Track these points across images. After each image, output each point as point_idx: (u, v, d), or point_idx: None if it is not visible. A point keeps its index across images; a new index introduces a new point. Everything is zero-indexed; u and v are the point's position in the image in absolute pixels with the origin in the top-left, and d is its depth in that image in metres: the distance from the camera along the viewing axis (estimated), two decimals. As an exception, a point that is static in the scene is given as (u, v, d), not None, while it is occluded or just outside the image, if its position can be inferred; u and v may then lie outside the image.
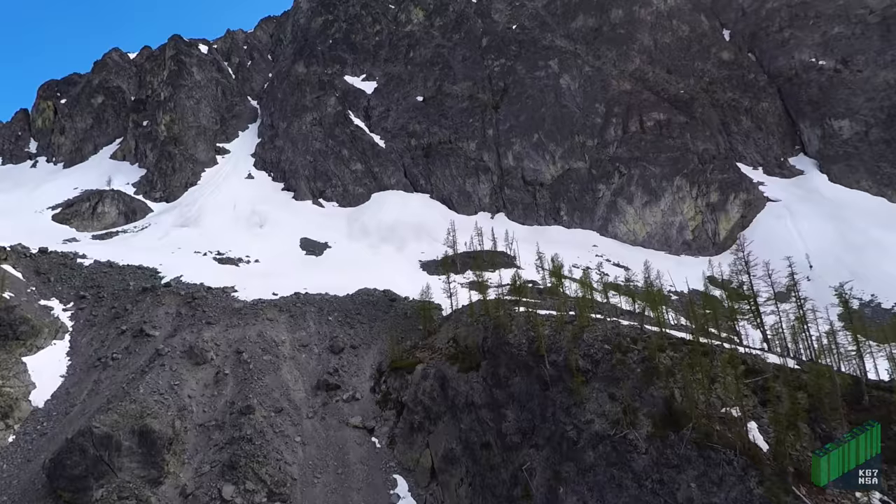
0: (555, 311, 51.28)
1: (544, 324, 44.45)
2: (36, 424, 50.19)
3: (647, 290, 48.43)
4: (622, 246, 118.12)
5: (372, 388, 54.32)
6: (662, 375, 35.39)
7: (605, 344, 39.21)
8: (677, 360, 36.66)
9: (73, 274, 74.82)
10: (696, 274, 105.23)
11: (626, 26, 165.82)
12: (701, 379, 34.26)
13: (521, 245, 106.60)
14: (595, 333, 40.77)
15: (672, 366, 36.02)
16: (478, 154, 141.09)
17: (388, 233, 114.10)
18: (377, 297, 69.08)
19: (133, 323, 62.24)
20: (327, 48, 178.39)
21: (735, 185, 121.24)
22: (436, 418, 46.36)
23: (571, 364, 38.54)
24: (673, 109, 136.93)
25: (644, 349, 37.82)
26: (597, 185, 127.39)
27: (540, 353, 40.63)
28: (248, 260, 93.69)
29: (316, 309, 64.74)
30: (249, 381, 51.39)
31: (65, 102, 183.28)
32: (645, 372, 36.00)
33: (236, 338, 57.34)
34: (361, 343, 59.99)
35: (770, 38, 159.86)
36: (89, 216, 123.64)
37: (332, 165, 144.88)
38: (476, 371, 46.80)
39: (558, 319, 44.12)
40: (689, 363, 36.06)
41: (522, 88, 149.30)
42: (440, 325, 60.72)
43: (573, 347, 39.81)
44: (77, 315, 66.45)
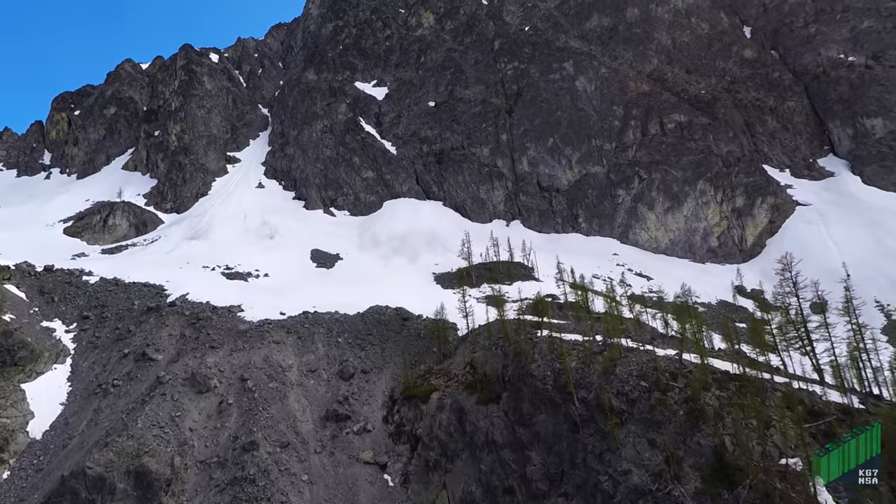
0: (580, 335, 47.42)
1: (571, 353, 40.59)
2: (32, 459, 47.65)
3: (687, 320, 43.90)
4: (644, 254, 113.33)
5: (384, 417, 50.90)
6: (709, 419, 31.35)
7: (641, 380, 35.25)
8: (725, 399, 32.59)
9: (78, 293, 72.75)
10: (723, 283, 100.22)
11: (643, 25, 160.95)
12: (755, 425, 30.20)
13: (538, 254, 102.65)
14: (629, 367, 36.81)
15: (720, 407, 31.97)
16: (491, 160, 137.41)
17: (400, 243, 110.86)
18: (389, 315, 65.70)
19: (136, 346, 59.72)
20: (337, 54, 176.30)
21: (762, 189, 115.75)
22: (453, 456, 42.73)
23: (604, 403, 34.65)
24: (694, 110, 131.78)
25: (686, 387, 33.80)
26: (616, 191, 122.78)
27: (568, 390, 36.80)
28: (258, 274, 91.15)
29: (325, 330, 61.56)
30: (254, 412, 48.31)
31: (78, 114, 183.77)
32: (689, 415, 31.97)
33: (241, 363, 54.38)
34: (373, 367, 56.62)
35: (794, 34, 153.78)
36: (100, 229, 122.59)
37: (343, 173, 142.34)
38: (496, 403, 43.09)
39: (586, 349, 40.22)
40: (739, 404, 32.00)
41: (537, 91, 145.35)
42: (456, 347, 57.11)
43: (605, 384, 35.91)
44: (80, 337, 64.18)
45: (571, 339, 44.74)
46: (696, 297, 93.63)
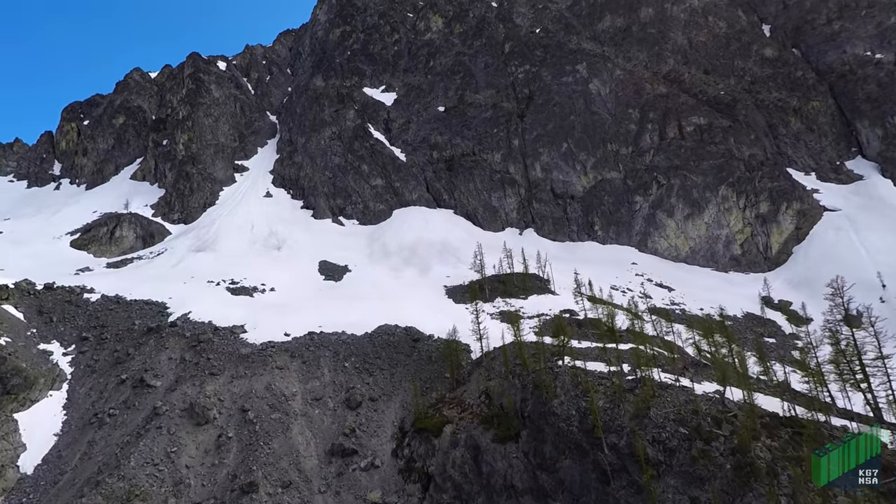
0: (605, 363, 43.64)
1: (597, 389, 36.83)
2: (22, 497, 44.98)
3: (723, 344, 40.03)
4: (663, 263, 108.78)
5: (394, 450, 47.47)
6: (762, 476, 27.46)
7: (679, 426, 31.40)
8: (778, 451, 28.64)
9: (78, 312, 70.48)
10: (748, 293, 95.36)
11: (658, 25, 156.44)
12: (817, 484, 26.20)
13: (553, 264, 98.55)
14: (664, 409, 32.97)
15: (773, 461, 28.04)
16: (503, 166, 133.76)
17: (410, 254, 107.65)
18: (399, 336, 62.31)
19: (134, 371, 57.07)
20: (345, 60, 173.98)
21: (787, 194, 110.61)
22: (468, 500, 39.19)
23: (638, 452, 30.88)
24: (714, 113, 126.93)
25: (732, 434, 29.89)
26: (633, 197, 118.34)
27: (596, 435, 33.06)
28: (263, 289, 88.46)
29: (331, 353, 58.35)
30: (254, 447, 45.19)
31: (87, 124, 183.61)
32: (737, 469, 28.11)
33: (242, 391, 51.36)
34: (381, 395, 53.25)
35: (817, 31, 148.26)
36: (107, 241, 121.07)
37: (352, 181, 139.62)
38: (515, 442, 39.49)
39: (615, 385, 36.46)
40: (796, 457, 28.05)
41: (549, 95, 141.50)
42: (469, 372, 53.54)
43: (638, 428, 32.14)
44: (78, 360, 61.75)
45: (596, 371, 40.92)
46: (721, 309, 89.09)
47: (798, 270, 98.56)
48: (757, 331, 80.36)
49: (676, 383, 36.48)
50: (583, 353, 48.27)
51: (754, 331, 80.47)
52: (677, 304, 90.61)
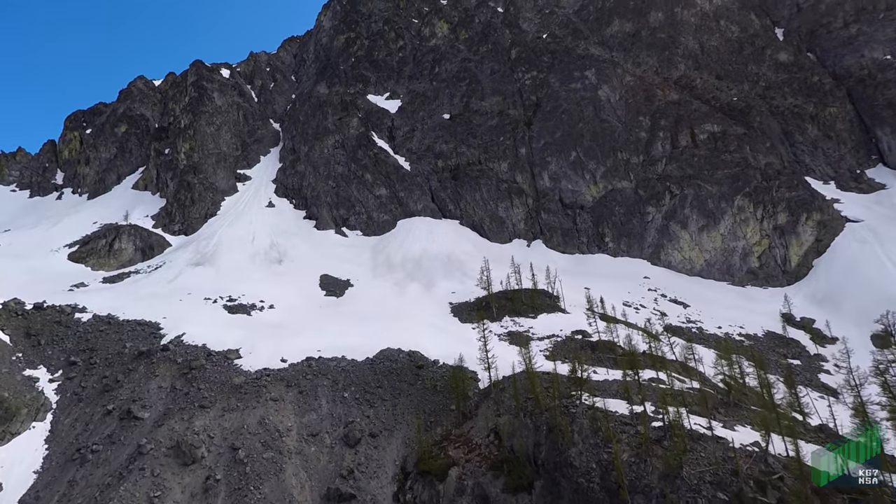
0: (627, 401, 39.88)
1: (620, 438, 33.09)
2: (-6, 544, 41.81)
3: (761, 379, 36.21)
4: (677, 276, 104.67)
5: (395, 494, 43.89)
6: (819, 557, 23.58)
7: (717, 490, 27.62)
8: (835, 525, 24.72)
9: (68, 333, 67.55)
10: (768, 310, 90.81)
11: (668, 30, 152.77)
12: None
13: (563, 277, 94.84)
14: (699, 468, 29.19)
15: (830, 538, 24.14)
16: (510, 175, 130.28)
17: (415, 268, 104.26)
18: (402, 362, 58.73)
19: (122, 400, 53.93)
20: (349, 67, 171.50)
21: (806, 204, 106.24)
22: (476, 558, 35.62)
23: (670, 519, 27.09)
24: (728, 120, 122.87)
25: (780, 503, 26.01)
26: (645, 208, 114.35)
27: (622, 497, 29.31)
28: (262, 306, 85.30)
29: (330, 382, 54.90)
30: (244, 492, 41.77)
31: (90, 132, 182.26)
32: (789, 548, 24.24)
33: (234, 426, 47.97)
34: (383, 429, 49.71)
35: (833, 35, 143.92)
36: (105, 253, 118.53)
37: (356, 191, 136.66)
38: (527, 493, 35.81)
39: (641, 436, 32.67)
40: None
41: (557, 102, 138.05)
42: (477, 404, 49.88)
43: (669, 490, 28.36)
44: (64, 386, 58.68)
45: (618, 413, 37.18)
46: (739, 327, 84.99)
47: (820, 285, 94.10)
48: (780, 352, 76.15)
49: (710, 432, 32.65)
50: (601, 388, 44.55)
51: (777, 352, 76.26)
52: (694, 321, 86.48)
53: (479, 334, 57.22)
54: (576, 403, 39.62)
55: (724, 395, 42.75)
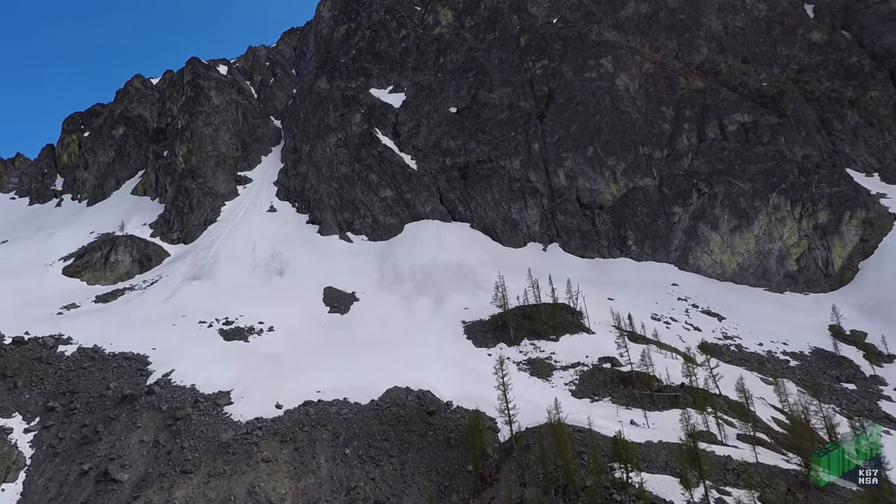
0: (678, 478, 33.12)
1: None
2: None
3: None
4: (708, 282, 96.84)
5: (405, 581, 37.98)
6: None
7: None
8: None
9: (48, 372, 62.25)
10: (812, 322, 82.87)
11: (688, 10, 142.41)
12: None
13: (584, 287, 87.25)
14: None
15: None
16: (523, 173, 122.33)
17: (424, 279, 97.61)
18: (410, 407, 52.27)
19: (99, 458, 48.43)
20: (351, 60, 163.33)
21: (849, 201, 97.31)
22: None
23: None
24: (758, 108, 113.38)
25: None
26: (671, 207, 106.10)
27: None
28: (261, 329, 79.50)
29: (330, 435, 48.76)
30: (230, 586, 35.89)
31: (88, 135, 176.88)
32: None
33: (219, 497, 42.13)
34: (390, 495, 43.51)
35: (871, 10, 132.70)
36: (101, 266, 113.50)
37: (360, 193, 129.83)
38: None
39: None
40: None
41: (571, 93, 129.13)
42: (497, 465, 43.41)
43: None
44: (40, 438, 53.33)
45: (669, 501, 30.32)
46: (783, 343, 77.33)
47: (869, 292, 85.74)
48: (832, 374, 68.59)
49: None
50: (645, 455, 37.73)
51: (828, 374, 68.69)
52: (731, 337, 79.05)
53: (495, 369, 50.38)
54: (614, 474, 32.86)
55: (801, 472, 35.60)
